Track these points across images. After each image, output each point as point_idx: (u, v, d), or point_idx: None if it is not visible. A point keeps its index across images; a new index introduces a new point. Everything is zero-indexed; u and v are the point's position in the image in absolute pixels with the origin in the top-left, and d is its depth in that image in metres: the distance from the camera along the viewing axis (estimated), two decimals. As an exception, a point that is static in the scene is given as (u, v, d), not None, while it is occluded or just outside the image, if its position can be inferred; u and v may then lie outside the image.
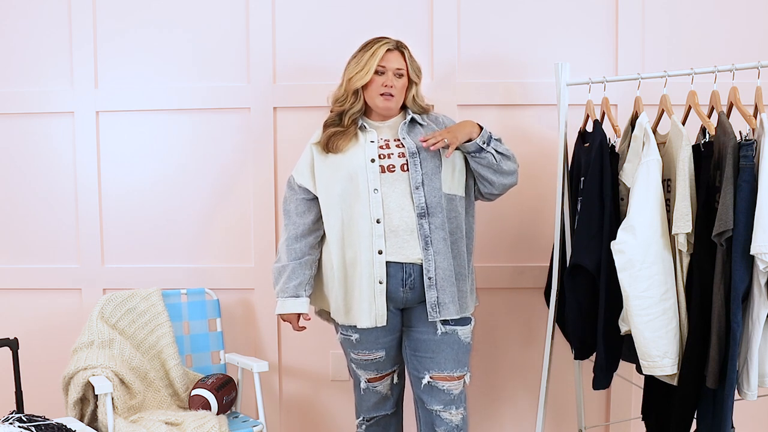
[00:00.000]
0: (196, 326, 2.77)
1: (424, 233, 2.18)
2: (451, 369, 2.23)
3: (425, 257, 2.18)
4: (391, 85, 2.22)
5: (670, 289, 2.05)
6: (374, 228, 2.18)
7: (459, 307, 2.22)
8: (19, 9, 2.88)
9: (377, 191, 2.20)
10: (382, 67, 2.22)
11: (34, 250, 2.94)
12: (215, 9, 2.85)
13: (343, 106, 2.27)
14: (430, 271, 2.18)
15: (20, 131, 2.91)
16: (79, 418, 2.47)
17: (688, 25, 2.78)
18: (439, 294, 2.18)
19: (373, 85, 2.23)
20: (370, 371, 2.34)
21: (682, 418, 2.10)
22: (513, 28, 2.80)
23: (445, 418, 2.24)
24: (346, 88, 2.26)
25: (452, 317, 2.20)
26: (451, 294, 2.20)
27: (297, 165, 2.37)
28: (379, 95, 2.23)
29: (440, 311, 2.18)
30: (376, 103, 2.25)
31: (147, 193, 2.90)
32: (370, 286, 2.18)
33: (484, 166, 2.23)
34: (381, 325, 2.20)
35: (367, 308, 2.19)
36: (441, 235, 2.19)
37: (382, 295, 2.19)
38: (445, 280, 2.19)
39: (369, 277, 2.18)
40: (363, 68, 2.22)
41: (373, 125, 2.30)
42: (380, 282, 2.18)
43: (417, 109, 2.33)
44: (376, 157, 2.21)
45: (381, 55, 2.22)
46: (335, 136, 2.26)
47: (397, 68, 2.24)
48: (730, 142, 1.93)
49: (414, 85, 2.30)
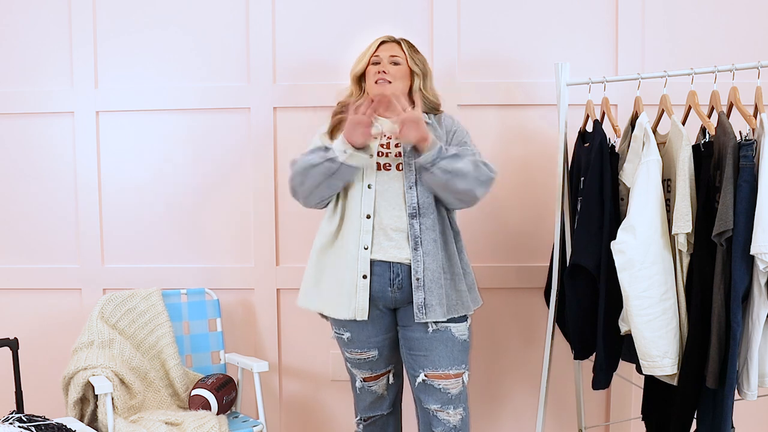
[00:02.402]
0: (196, 326, 2.77)
1: (414, 233, 2.17)
2: (446, 367, 2.20)
3: (414, 258, 2.17)
4: (385, 71, 2.25)
5: (670, 289, 2.05)
6: (363, 223, 2.19)
7: (447, 309, 2.19)
8: (19, 9, 2.88)
9: (371, 187, 2.20)
10: (377, 57, 2.29)
11: (34, 250, 2.94)
12: (215, 9, 2.85)
13: (349, 98, 2.32)
14: (418, 272, 2.17)
15: (20, 131, 2.91)
16: (79, 418, 2.47)
17: (688, 25, 2.78)
18: (427, 296, 2.17)
19: (370, 74, 2.29)
20: (364, 370, 2.34)
21: (682, 418, 2.10)
22: (513, 28, 2.81)
23: (443, 419, 2.21)
24: (351, 80, 2.35)
25: (438, 319, 2.18)
26: (439, 296, 2.18)
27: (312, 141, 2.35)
28: (373, 83, 2.27)
29: (427, 313, 2.17)
30: (373, 91, 2.27)
31: (147, 192, 2.90)
32: (352, 279, 2.18)
33: (431, 183, 2.16)
34: (361, 319, 2.19)
35: (346, 301, 2.19)
36: (431, 236, 2.18)
37: (365, 290, 2.17)
38: (433, 282, 2.17)
39: (352, 270, 2.18)
40: (360, 59, 2.32)
41: (378, 119, 2.27)
42: (364, 276, 2.18)
43: (426, 105, 2.31)
44: (374, 153, 2.22)
45: (375, 46, 2.31)
46: (341, 124, 2.26)
47: (391, 55, 2.29)
48: (730, 142, 1.93)
49: (418, 77, 2.30)
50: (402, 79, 2.28)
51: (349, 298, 2.19)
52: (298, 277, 2.82)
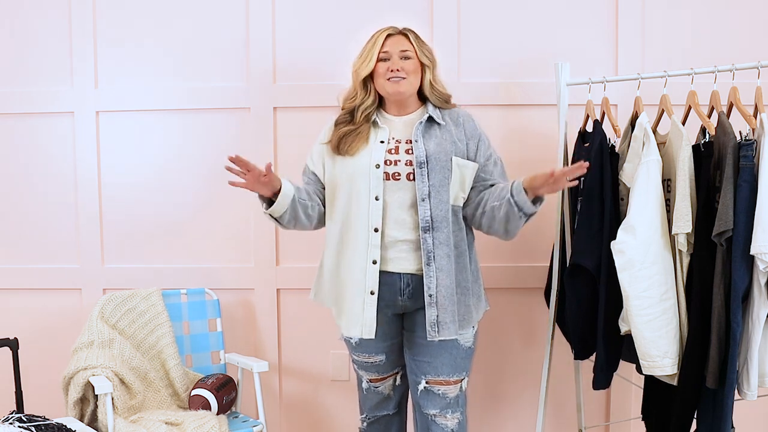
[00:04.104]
0: (196, 326, 2.77)
1: (427, 248, 2.08)
2: (448, 374, 2.17)
3: (426, 273, 2.09)
4: (397, 68, 2.11)
5: (670, 289, 2.05)
6: (371, 237, 2.11)
7: (459, 325, 2.14)
8: (19, 9, 2.87)
9: (378, 199, 2.11)
10: (386, 53, 2.14)
11: (34, 250, 2.94)
12: (215, 9, 2.85)
13: (354, 102, 2.18)
14: (431, 288, 2.09)
15: (20, 131, 2.91)
16: (79, 418, 2.47)
17: (688, 25, 2.78)
18: (440, 313, 2.10)
19: (380, 72, 2.14)
20: (371, 373, 2.32)
21: (682, 418, 2.10)
22: (513, 27, 2.80)
23: (440, 423, 2.19)
24: (354, 82, 2.19)
25: (452, 337, 2.12)
26: (452, 313, 2.11)
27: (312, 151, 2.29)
28: (386, 81, 2.12)
29: (439, 330, 2.10)
30: (386, 90, 2.13)
31: (147, 192, 2.90)
32: (360, 295, 2.13)
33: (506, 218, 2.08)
34: (368, 337, 2.15)
35: (355, 319, 2.15)
36: (445, 251, 2.10)
37: (372, 307, 2.12)
38: (446, 299, 2.10)
39: (359, 286, 2.13)
40: (366, 57, 2.15)
41: (387, 120, 2.20)
42: (372, 293, 2.12)
43: (437, 99, 2.20)
44: (381, 163, 2.12)
45: (382, 41, 2.14)
46: (347, 137, 2.17)
47: (401, 50, 2.14)
48: (730, 142, 1.93)
49: (428, 69, 2.18)
50: (414, 73, 2.14)
51: (357, 316, 2.14)
52: (298, 277, 2.83)
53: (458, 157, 2.14)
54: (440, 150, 2.12)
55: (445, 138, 2.15)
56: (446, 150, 2.12)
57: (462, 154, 2.15)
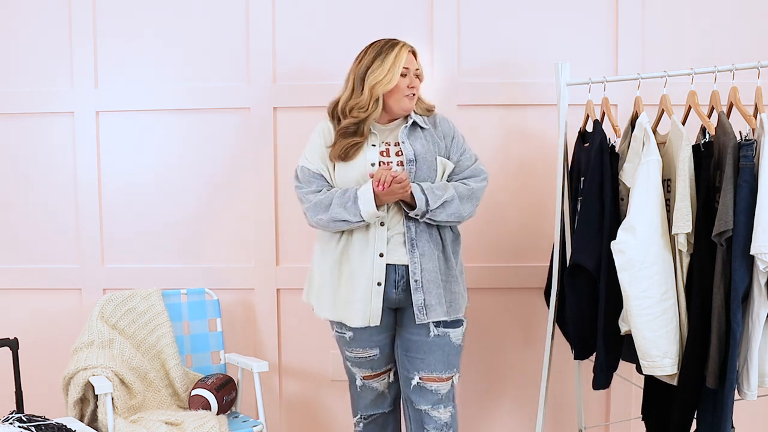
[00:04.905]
0: (196, 326, 2.77)
1: (410, 236, 2.20)
2: (441, 371, 2.25)
3: (411, 259, 2.20)
4: (414, 86, 2.25)
5: (670, 289, 2.05)
6: (378, 231, 2.21)
7: (447, 309, 2.23)
8: (19, 9, 2.87)
9: None
10: (406, 69, 2.23)
11: (34, 250, 2.94)
12: (215, 9, 2.85)
13: (367, 113, 2.21)
14: (416, 273, 2.20)
15: (20, 131, 2.91)
16: (79, 418, 2.47)
17: (688, 25, 2.78)
18: (426, 296, 2.20)
19: (400, 88, 2.23)
20: (365, 369, 2.36)
21: (682, 418, 2.10)
22: (513, 28, 2.80)
23: (434, 416, 2.27)
24: (368, 94, 2.20)
25: (440, 318, 2.21)
26: (438, 296, 2.21)
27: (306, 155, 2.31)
28: (404, 97, 2.24)
29: (427, 313, 2.20)
30: (403, 105, 2.25)
31: (147, 192, 2.90)
32: (367, 287, 2.20)
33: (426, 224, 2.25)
34: (374, 324, 2.22)
35: (361, 308, 2.20)
36: (425, 237, 2.21)
37: (379, 296, 2.20)
38: (431, 282, 2.20)
39: (368, 278, 2.20)
40: (388, 73, 2.19)
41: (378, 128, 2.29)
42: (379, 284, 2.20)
43: (421, 109, 2.34)
44: (376, 162, 2.23)
45: (404, 58, 2.22)
46: (353, 148, 2.23)
47: (416, 69, 2.27)
48: (730, 142, 1.93)
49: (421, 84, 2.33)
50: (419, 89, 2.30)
51: (364, 304, 2.20)
52: (298, 277, 2.83)
53: (441, 156, 2.28)
54: (426, 150, 2.25)
55: (428, 139, 2.28)
56: (431, 150, 2.26)
57: (443, 153, 2.29)
